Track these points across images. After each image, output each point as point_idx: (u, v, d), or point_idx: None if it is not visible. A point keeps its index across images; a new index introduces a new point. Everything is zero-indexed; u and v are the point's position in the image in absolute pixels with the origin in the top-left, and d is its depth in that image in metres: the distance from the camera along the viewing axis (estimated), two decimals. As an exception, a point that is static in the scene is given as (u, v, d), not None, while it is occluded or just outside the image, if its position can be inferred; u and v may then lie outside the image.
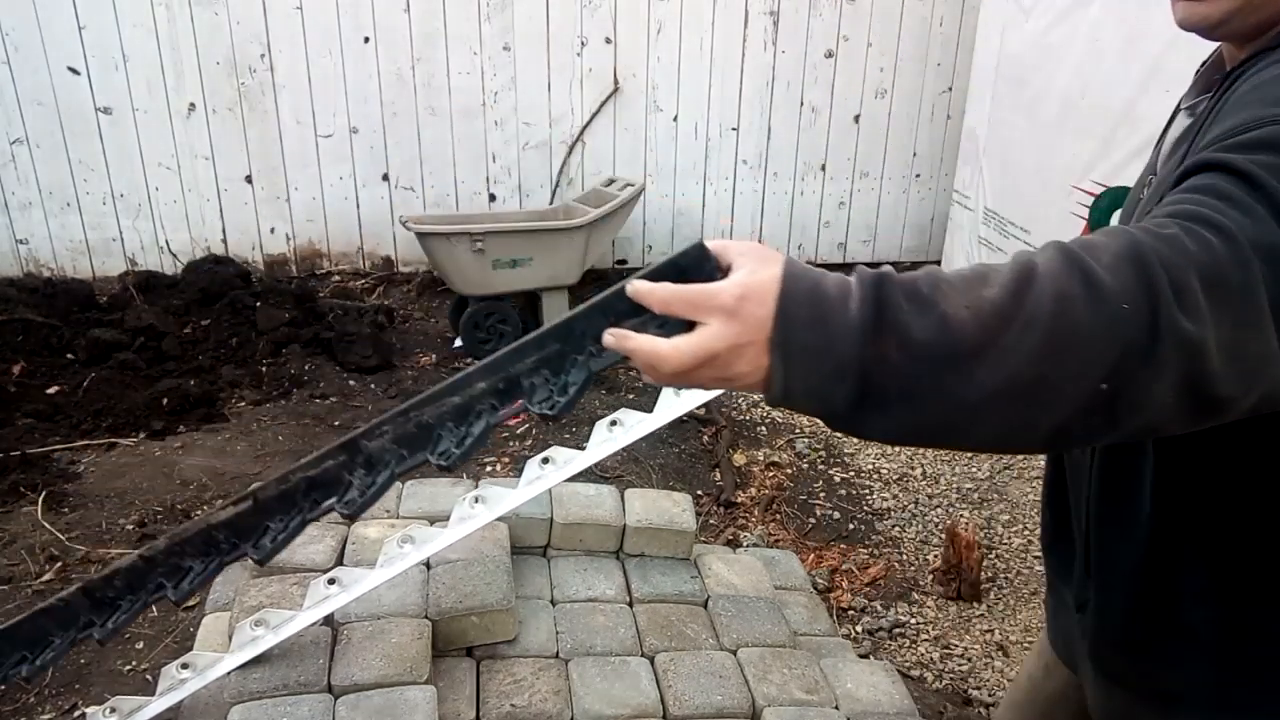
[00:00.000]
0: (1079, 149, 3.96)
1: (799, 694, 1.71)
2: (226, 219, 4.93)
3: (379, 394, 3.99)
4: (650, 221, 5.38)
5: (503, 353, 0.85)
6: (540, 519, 2.06)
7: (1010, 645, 2.78)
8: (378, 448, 0.98)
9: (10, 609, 2.58)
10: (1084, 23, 3.89)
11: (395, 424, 0.95)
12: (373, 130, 4.91)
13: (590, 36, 4.96)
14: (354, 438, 1.00)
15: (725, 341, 0.70)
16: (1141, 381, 0.67)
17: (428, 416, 0.92)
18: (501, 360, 0.85)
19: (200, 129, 4.74)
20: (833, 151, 5.39)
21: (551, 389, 0.83)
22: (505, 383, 0.86)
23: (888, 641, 2.79)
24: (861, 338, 0.68)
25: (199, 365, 4.04)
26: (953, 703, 2.52)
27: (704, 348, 0.70)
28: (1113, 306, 0.66)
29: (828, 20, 5.15)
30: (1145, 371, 0.67)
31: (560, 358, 0.82)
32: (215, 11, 4.57)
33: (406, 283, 5.13)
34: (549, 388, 0.83)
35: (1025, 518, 3.35)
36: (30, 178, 4.64)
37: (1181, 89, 1.17)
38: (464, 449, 0.90)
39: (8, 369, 3.89)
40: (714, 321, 0.71)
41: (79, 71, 4.53)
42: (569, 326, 0.81)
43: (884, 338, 0.67)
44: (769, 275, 0.70)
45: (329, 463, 1.04)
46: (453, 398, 0.89)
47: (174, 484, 3.23)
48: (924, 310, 0.68)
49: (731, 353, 0.70)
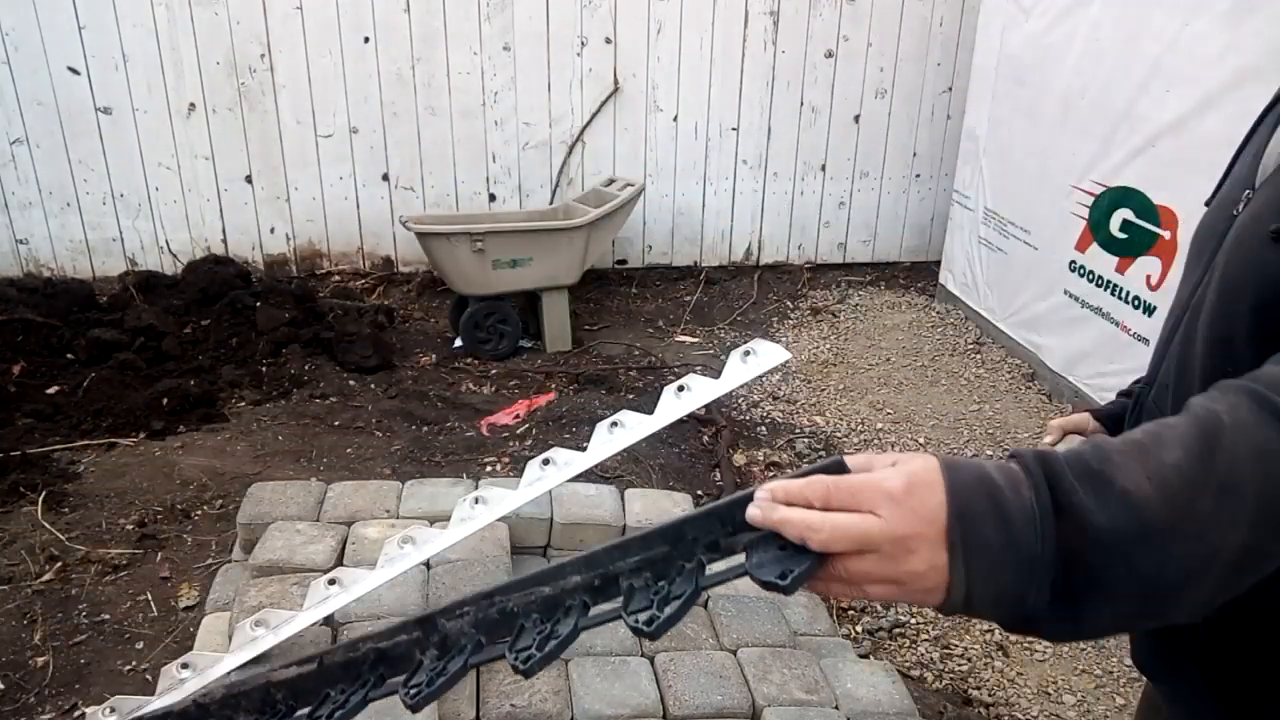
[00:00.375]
0: (1079, 149, 3.96)
1: (799, 694, 1.71)
2: (226, 219, 4.93)
3: (379, 394, 3.99)
4: (650, 221, 5.38)
5: (603, 546, 0.79)
6: (540, 519, 2.06)
7: (1010, 645, 2.78)
8: (455, 629, 0.91)
9: (10, 608, 2.59)
10: (1084, 22, 3.89)
11: (478, 606, 0.88)
12: (373, 130, 4.91)
13: (590, 36, 4.96)
14: (432, 614, 0.93)
15: (892, 532, 0.61)
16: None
17: (514, 604, 0.85)
18: (601, 555, 0.78)
19: (200, 129, 4.74)
20: (833, 151, 5.39)
21: (652, 597, 0.73)
22: (601, 580, 0.78)
23: (888, 641, 2.79)
24: (1045, 529, 0.61)
25: (199, 365, 4.03)
26: (953, 703, 2.52)
27: (865, 533, 0.61)
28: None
29: (828, 20, 5.15)
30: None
31: (666, 562, 0.74)
32: (215, 11, 4.57)
33: (406, 283, 5.13)
34: (649, 594, 0.74)
35: (1025, 518, 3.35)
36: (30, 177, 4.64)
37: (1182, 88, 1.15)
38: (545, 652, 0.80)
39: (8, 369, 3.89)
40: (880, 509, 0.62)
41: (79, 71, 4.53)
42: (680, 529, 0.73)
43: (1064, 526, 0.61)
44: (925, 464, 0.64)
45: (402, 636, 0.98)
46: (543, 587, 0.83)
47: (174, 484, 3.22)
48: (1100, 489, 0.61)
49: (898, 546, 0.61)
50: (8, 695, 2.30)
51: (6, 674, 2.36)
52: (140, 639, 2.51)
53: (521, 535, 2.06)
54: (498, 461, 3.48)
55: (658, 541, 0.75)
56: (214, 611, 2.03)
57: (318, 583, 1.63)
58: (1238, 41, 3.07)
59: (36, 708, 2.28)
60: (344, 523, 2.10)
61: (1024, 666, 2.69)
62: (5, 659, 2.41)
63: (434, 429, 3.73)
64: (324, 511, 2.16)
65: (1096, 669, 2.69)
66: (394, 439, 3.63)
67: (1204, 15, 3.20)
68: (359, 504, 2.17)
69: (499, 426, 3.75)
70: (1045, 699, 2.58)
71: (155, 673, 2.18)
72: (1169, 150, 3.43)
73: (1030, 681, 2.64)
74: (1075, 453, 0.64)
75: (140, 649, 2.48)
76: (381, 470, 3.38)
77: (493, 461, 3.48)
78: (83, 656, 2.44)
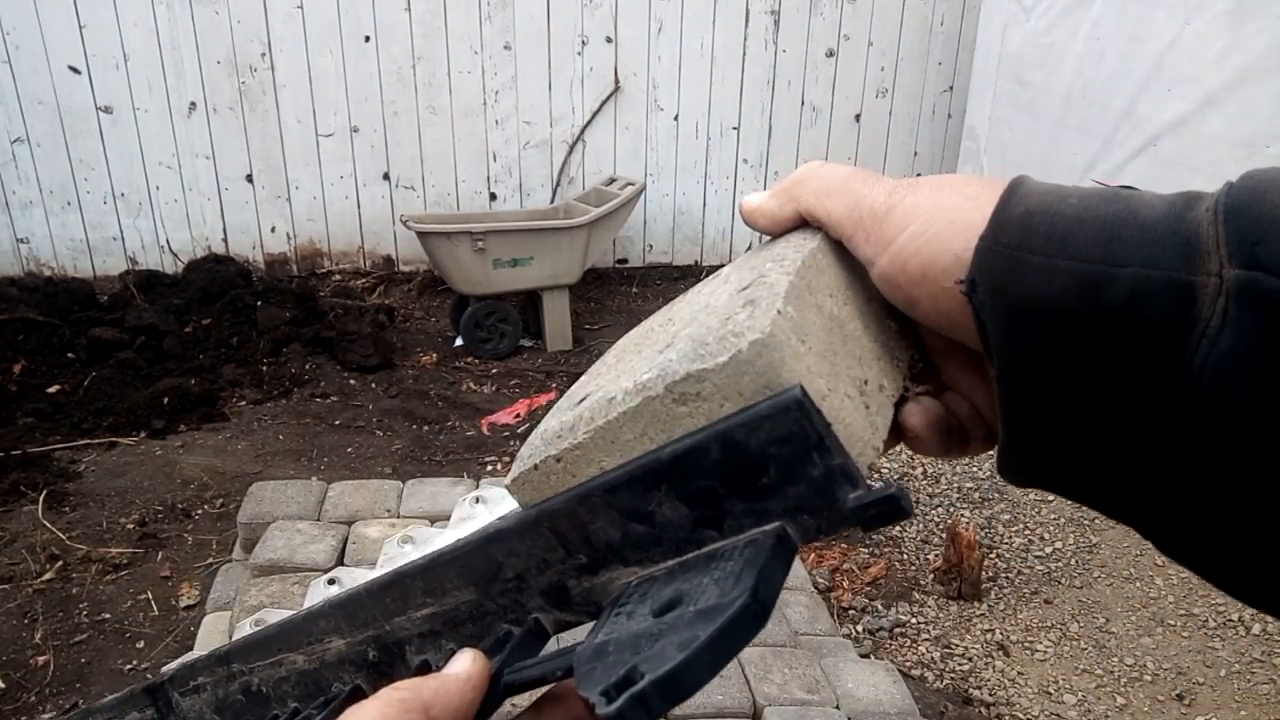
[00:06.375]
0: (1080, 148, 3.96)
1: (800, 693, 1.71)
2: (227, 218, 4.93)
3: (380, 393, 3.99)
4: (651, 221, 5.37)
5: (374, 583, 0.50)
6: (541, 518, 2.06)
7: (1011, 645, 2.78)
8: (193, 712, 0.61)
9: (11, 608, 2.59)
10: (1085, 21, 3.89)
11: (215, 677, 0.59)
12: (373, 129, 4.91)
13: (591, 36, 4.96)
14: (163, 683, 0.63)
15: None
16: None
17: (259, 680, 0.56)
18: (366, 601, 0.50)
19: (201, 128, 4.74)
20: (834, 151, 5.39)
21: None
22: (378, 650, 0.50)
23: (888, 641, 2.79)
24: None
25: (199, 364, 4.04)
26: (953, 702, 2.52)
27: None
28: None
29: (829, 19, 5.15)
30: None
31: (475, 620, 0.47)
32: (216, 10, 4.57)
33: (407, 282, 5.13)
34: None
35: (1026, 517, 3.35)
36: (31, 177, 4.64)
37: (1183, 88, 1.15)
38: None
39: (8, 368, 3.89)
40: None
41: (80, 70, 4.53)
42: (487, 556, 0.45)
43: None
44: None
45: (133, 715, 0.65)
46: (294, 655, 0.54)
47: (174, 483, 3.23)
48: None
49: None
50: (8, 694, 2.31)
51: (7, 673, 2.37)
52: (141, 638, 2.51)
53: (522, 535, 2.06)
54: (498, 461, 3.49)
55: (454, 579, 0.46)
56: (214, 611, 2.03)
57: (318, 582, 1.63)
58: (1239, 41, 3.07)
59: (37, 707, 2.28)
60: (344, 522, 2.10)
61: (1025, 666, 2.69)
62: (6, 658, 2.41)
63: (435, 428, 3.73)
64: (324, 511, 2.16)
65: (1097, 669, 2.69)
66: (394, 438, 3.63)
67: (1205, 15, 3.20)
68: (359, 503, 2.17)
69: (500, 426, 3.75)
70: (1046, 698, 2.58)
71: (155, 672, 2.18)
72: (1170, 150, 3.43)
73: (1031, 681, 2.64)
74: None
75: (141, 648, 2.48)
76: (382, 469, 3.38)
77: (493, 461, 3.48)
78: (83, 656, 2.44)
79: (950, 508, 3.44)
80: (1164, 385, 0.35)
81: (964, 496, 3.50)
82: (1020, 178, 0.41)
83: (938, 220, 0.41)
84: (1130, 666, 2.67)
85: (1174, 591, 2.90)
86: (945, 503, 3.47)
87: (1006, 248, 0.38)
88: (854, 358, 0.42)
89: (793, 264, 0.43)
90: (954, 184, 0.43)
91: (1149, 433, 0.36)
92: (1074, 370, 0.37)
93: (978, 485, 3.57)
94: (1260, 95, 3.12)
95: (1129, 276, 0.35)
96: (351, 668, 0.51)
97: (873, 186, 0.45)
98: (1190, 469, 0.36)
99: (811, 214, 0.47)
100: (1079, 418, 0.38)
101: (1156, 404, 0.36)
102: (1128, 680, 2.64)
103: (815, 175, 0.48)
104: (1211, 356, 0.34)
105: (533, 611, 0.44)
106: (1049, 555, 3.09)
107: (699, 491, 0.38)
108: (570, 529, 0.42)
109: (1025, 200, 0.39)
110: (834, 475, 0.36)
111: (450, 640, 0.47)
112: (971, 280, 0.39)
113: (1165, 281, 0.35)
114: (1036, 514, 3.30)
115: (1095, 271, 0.36)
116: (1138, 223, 0.36)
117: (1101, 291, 0.36)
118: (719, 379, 0.38)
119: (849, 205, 0.45)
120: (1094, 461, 0.39)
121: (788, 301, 0.39)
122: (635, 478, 0.40)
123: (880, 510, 0.36)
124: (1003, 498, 3.49)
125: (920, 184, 0.43)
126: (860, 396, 0.42)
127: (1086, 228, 0.37)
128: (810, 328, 0.40)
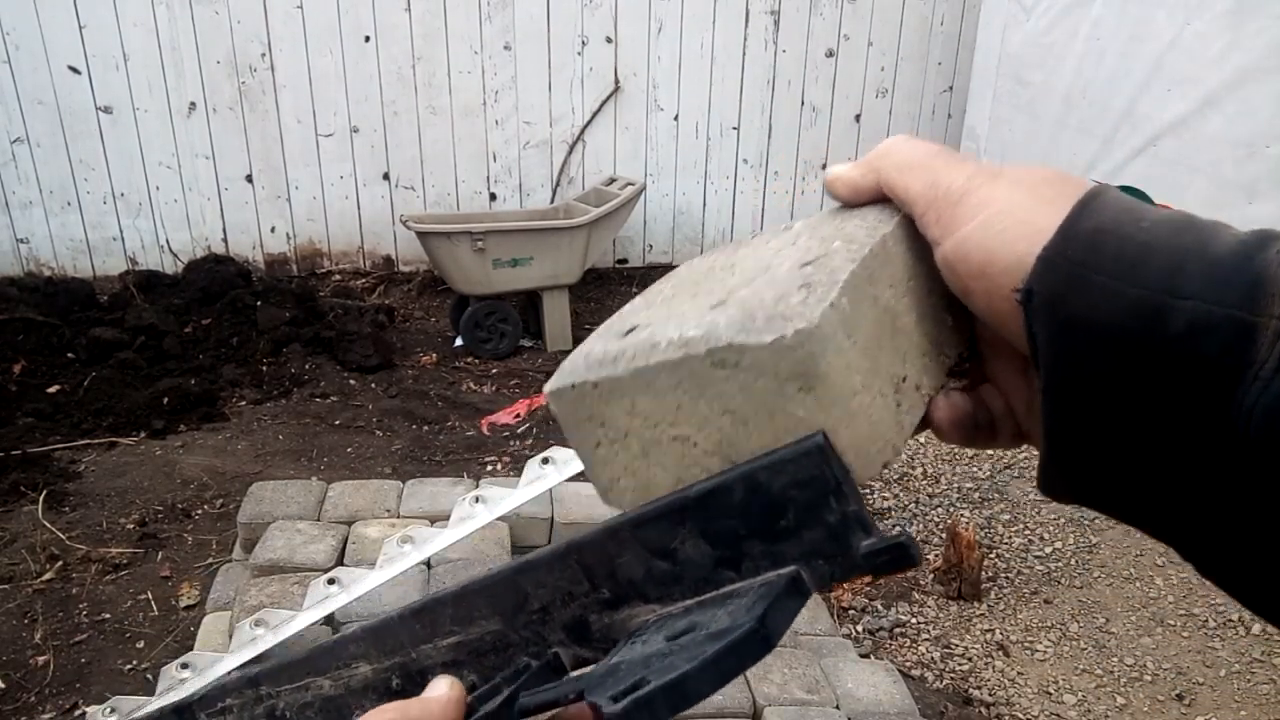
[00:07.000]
0: (1080, 148, 3.96)
1: (800, 693, 1.71)
2: (227, 218, 4.93)
3: (380, 393, 3.99)
4: (651, 221, 5.37)
5: (406, 610, 0.51)
6: (540, 518, 2.06)
7: (1011, 645, 2.78)
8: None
9: (10, 608, 2.59)
10: (1085, 21, 3.89)
11: (242, 699, 0.60)
12: (373, 129, 4.91)
13: (591, 36, 4.96)
14: (190, 703, 0.63)
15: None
16: None
17: (284, 705, 0.57)
18: (397, 627, 0.52)
19: (201, 128, 4.74)
20: (834, 151, 5.39)
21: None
22: (402, 677, 0.52)
23: (888, 641, 2.79)
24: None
25: (199, 364, 4.04)
26: (953, 702, 2.52)
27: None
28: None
29: (829, 19, 5.15)
30: None
31: (498, 651, 0.48)
32: (215, 10, 4.57)
33: (407, 282, 5.13)
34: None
35: (1026, 517, 3.35)
36: (31, 177, 4.64)
37: (1183, 88, 1.15)
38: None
39: (8, 368, 3.89)
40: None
41: (79, 71, 4.53)
42: (516, 586, 0.47)
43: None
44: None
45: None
46: (320, 679, 0.56)
47: (174, 483, 3.23)
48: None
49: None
50: (8, 694, 2.31)
51: (7, 673, 2.36)
52: (141, 638, 2.51)
53: (521, 535, 2.06)
54: (498, 461, 3.49)
55: (483, 608, 0.47)
56: (214, 611, 2.03)
57: (317, 582, 1.63)
58: (1239, 41, 3.07)
59: (37, 707, 2.28)
60: (344, 522, 2.10)
61: (1025, 666, 2.69)
62: (6, 658, 2.41)
63: (434, 428, 3.73)
64: (324, 511, 2.16)
65: (1097, 669, 2.69)
66: (394, 438, 3.63)
67: (1205, 15, 3.20)
68: (359, 503, 2.17)
69: (499, 426, 3.75)
70: (1046, 698, 2.58)
71: (155, 672, 2.18)
72: (1170, 150, 3.43)
73: (1031, 681, 2.64)
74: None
75: (141, 648, 2.48)
76: (382, 470, 3.38)
77: (493, 461, 3.48)
78: (83, 656, 2.44)
79: (950, 508, 3.44)
80: (1211, 420, 0.35)
81: (964, 496, 3.50)
82: (1099, 188, 0.42)
83: (1007, 217, 0.41)
84: (1130, 666, 2.67)
85: (1174, 591, 2.89)
86: (945, 503, 3.47)
87: (1070, 262, 0.38)
88: (898, 353, 0.43)
89: (860, 249, 0.43)
90: (1034, 181, 0.43)
91: (1192, 463, 0.37)
92: (1122, 393, 0.37)
93: (978, 485, 3.57)
94: (1260, 95, 3.11)
95: (1189, 309, 0.35)
96: (374, 695, 0.52)
97: (954, 168, 0.45)
98: (1231, 502, 0.36)
99: (890, 187, 0.47)
100: (1123, 440, 0.38)
101: (1202, 437, 0.36)
102: (1128, 680, 2.64)
103: (899, 149, 0.48)
104: (1264, 398, 0.34)
105: (553, 645, 0.45)
106: (1049, 555, 3.09)
107: (721, 531, 0.40)
108: (597, 562, 0.44)
109: (1097, 215, 0.39)
110: (849, 522, 0.38)
111: (473, 672, 0.48)
112: (1028, 290, 0.39)
113: (1225, 319, 0.35)
114: (1036, 514, 3.30)
115: (1156, 300, 0.36)
116: (1206, 258, 0.36)
117: (1160, 320, 0.36)
118: (759, 355, 0.39)
119: (926, 183, 0.45)
120: (1136, 483, 0.39)
121: (843, 293, 0.40)
122: (663, 513, 0.42)
123: (890, 558, 0.38)
124: (1003, 498, 3.49)
125: (1001, 175, 0.44)
126: (894, 394, 0.42)
127: (1155, 256, 0.37)
128: (860, 321, 0.41)
